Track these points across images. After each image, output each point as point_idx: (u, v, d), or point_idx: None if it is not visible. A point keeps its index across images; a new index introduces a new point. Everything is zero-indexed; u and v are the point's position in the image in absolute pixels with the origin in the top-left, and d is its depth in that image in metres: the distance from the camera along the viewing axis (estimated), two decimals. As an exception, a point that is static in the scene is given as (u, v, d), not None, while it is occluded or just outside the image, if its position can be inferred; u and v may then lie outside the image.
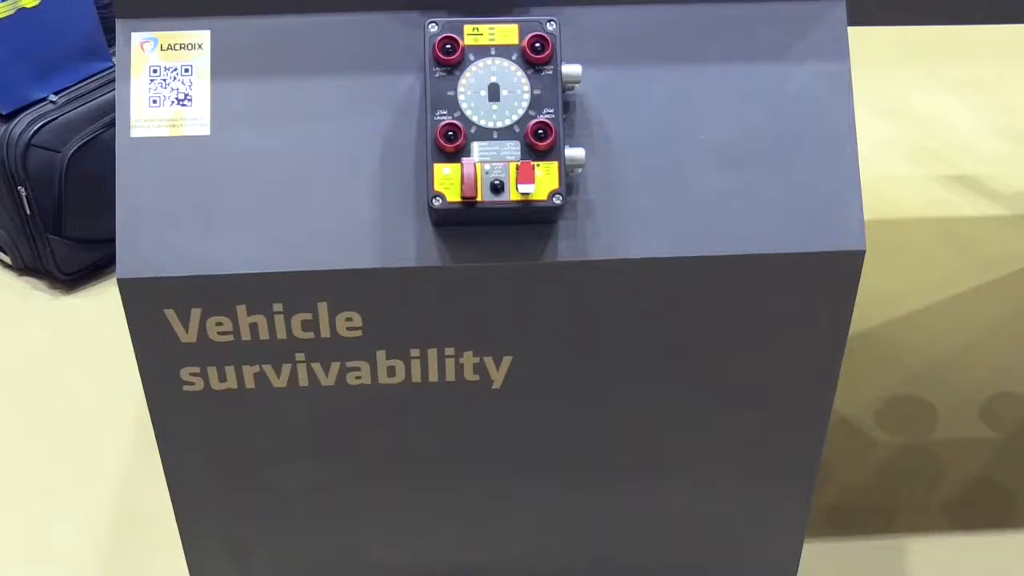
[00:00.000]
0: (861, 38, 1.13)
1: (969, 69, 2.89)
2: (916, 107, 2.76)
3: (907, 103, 2.77)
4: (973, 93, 2.82)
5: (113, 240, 1.05)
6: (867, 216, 1.10)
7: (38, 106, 2.04)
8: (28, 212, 2.04)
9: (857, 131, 1.09)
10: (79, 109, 2.05)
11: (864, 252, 1.08)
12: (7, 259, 2.18)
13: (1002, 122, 2.70)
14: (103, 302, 2.11)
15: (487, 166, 1.02)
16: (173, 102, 1.06)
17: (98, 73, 2.11)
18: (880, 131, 2.65)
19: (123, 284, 1.04)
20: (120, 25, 1.07)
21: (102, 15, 2.07)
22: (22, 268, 2.17)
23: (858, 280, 1.10)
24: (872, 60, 2.56)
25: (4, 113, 2.02)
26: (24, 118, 2.01)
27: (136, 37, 1.07)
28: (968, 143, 2.62)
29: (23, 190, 2.02)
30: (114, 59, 1.10)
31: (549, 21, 1.04)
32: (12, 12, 1.89)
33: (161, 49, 1.07)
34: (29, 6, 1.91)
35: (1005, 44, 2.94)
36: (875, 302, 2.08)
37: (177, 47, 1.07)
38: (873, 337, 2.02)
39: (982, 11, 1.20)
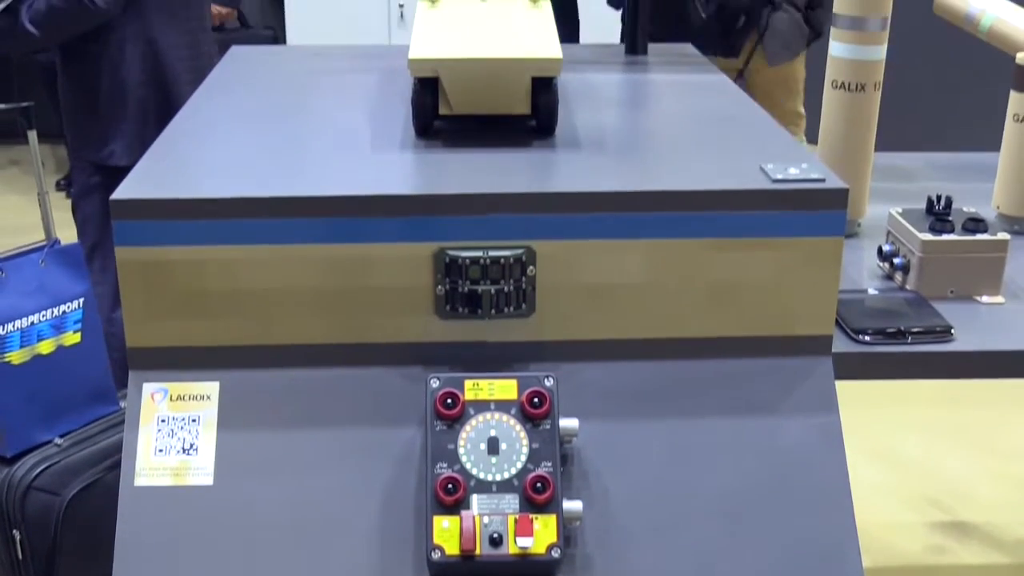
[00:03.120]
0: (849, 381, 1.17)
1: (958, 413, 2.94)
2: (907, 451, 2.78)
3: (898, 447, 2.80)
4: (964, 437, 2.84)
5: (104, 586, 1.04)
6: (866, 563, 1.10)
7: (42, 448, 2.05)
8: (20, 556, 2.01)
9: (850, 477, 1.11)
10: (82, 452, 2.06)
11: (865, 606, 1.07)
12: (-7, 606, 2.13)
13: (995, 468, 2.71)
14: (87, 650, 2.04)
15: (486, 519, 1.02)
16: (179, 451, 1.08)
17: (104, 417, 2.14)
18: (873, 476, 2.66)
19: (115, 638, 1.02)
20: (133, 376, 1.11)
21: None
22: (7, 614, 2.11)
23: (861, 631, 1.09)
24: (860, 403, 2.60)
25: (8, 456, 2.03)
26: (27, 461, 2.01)
27: (148, 387, 1.11)
28: (963, 489, 2.62)
29: (17, 534, 1.99)
30: (122, 403, 1.13)
31: (547, 377, 1.07)
32: (28, 359, 1.95)
33: (171, 399, 1.10)
34: (44, 353, 1.97)
35: (991, 390, 3.00)
36: (882, 654, 2.02)
37: (186, 398, 1.10)
38: None
39: (968, 367, 1.24)
